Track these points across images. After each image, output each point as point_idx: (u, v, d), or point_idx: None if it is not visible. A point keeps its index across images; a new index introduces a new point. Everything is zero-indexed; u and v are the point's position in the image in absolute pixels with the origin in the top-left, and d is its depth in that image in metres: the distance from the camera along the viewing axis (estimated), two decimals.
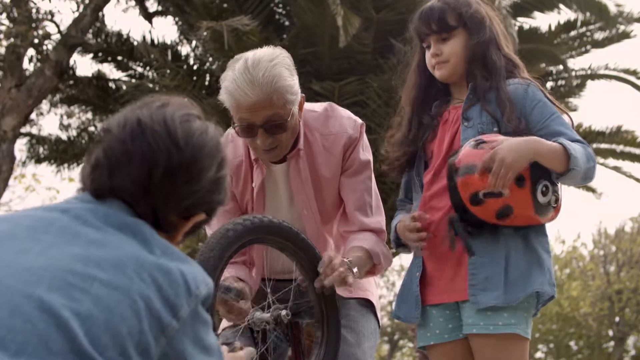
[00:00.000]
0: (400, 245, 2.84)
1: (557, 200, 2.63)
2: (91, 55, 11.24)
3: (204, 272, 1.57)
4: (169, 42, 11.29)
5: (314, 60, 9.77)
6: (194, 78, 10.56)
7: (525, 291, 2.59)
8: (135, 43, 11.01)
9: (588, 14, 10.79)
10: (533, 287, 2.60)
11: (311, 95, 9.39)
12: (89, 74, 11.68)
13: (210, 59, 10.71)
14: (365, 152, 2.84)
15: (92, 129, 12.33)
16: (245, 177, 2.81)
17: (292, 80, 2.59)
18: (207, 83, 10.65)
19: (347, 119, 2.82)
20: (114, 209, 1.57)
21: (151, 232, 1.56)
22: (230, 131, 2.81)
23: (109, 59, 11.25)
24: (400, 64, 2.96)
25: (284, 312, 2.54)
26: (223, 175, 1.66)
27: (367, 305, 2.90)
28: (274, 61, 2.56)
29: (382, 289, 22.09)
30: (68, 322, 1.38)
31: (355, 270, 2.57)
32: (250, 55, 2.58)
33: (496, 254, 2.63)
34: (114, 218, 1.55)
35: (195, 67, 10.89)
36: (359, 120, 2.84)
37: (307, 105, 2.79)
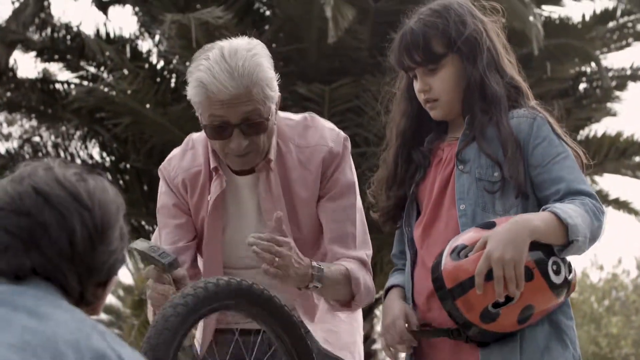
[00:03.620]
0: None
1: (570, 270, 2.57)
2: (34, 53, 11.13)
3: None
4: (127, 36, 11.23)
5: (299, 58, 9.81)
6: (157, 80, 10.54)
7: None
8: (87, 39, 10.90)
9: (628, 1, 10.76)
10: None
11: (296, 100, 9.43)
12: (33, 76, 11.61)
13: (177, 57, 10.63)
14: (351, 173, 2.87)
15: (37, 139, 12.20)
16: (203, 189, 2.84)
17: (273, 74, 2.69)
18: (172, 86, 10.60)
19: (329, 130, 2.86)
20: (42, 290, 1.64)
21: (84, 315, 1.65)
22: (192, 137, 2.91)
23: (56, 57, 11.17)
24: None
25: None
26: (125, 231, 1.79)
27: None
28: (253, 51, 2.66)
29: None
30: None
31: (318, 272, 2.57)
32: (225, 43, 2.68)
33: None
34: (44, 300, 1.62)
35: (158, 67, 10.89)
36: (343, 133, 2.87)
37: (282, 114, 2.85)
